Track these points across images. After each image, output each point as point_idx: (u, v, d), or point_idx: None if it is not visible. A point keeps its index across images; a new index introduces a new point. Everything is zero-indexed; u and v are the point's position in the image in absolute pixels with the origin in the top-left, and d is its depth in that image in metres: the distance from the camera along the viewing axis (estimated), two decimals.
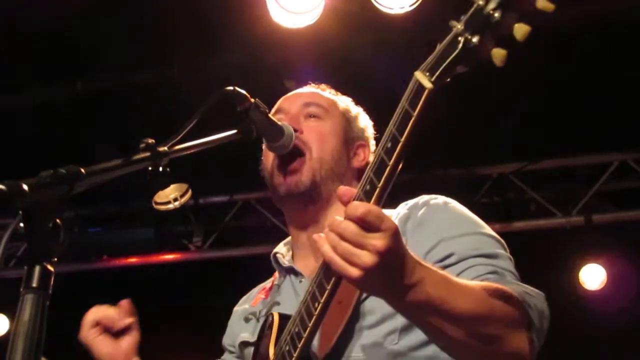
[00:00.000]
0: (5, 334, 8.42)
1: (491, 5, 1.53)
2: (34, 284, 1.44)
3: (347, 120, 2.60)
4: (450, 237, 2.12)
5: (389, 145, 1.68)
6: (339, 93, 2.71)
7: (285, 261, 2.51)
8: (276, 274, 2.59)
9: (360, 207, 1.63)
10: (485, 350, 1.83)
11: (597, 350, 7.66)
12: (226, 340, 2.65)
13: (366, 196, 1.71)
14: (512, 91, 6.39)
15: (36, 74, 6.44)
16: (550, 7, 1.50)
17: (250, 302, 2.61)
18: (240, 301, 2.71)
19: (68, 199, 1.53)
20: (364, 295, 2.13)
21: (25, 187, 1.43)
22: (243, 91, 2.23)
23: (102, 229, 8.60)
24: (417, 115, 1.63)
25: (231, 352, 2.61)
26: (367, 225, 1.61)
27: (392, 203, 2.40)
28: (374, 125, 2.70)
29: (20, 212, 1.45)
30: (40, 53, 6.18)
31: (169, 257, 8.28)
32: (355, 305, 2.13)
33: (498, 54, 1.54)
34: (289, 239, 2.63)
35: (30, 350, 1.39)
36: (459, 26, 1.58)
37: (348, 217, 1.63)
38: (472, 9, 1.57)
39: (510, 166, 7.69)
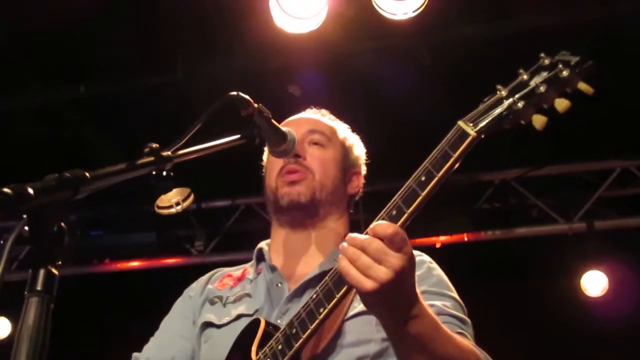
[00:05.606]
0: (7, 337, 8.41)
1: (537, 80, 1.86)
2: (39, 287, 1.44)
3: (345, 149, 2.74)
4: (433, 293, 2.32)
5: (423, 178, 1.86)
6: (337, 119, 2.82)
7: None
8: (248, 268, 2.67)
9: (391, 227, 1.78)
10: None
11: (599, 356, 7.65)
12: (186, 309, 2.67)
13: (391, 220, 1.86)
14: None
15: (40, 77, 6.45)
16: (590, 90, 1.89)
17: (215, 283, 2.67)
18: (203, 277, 2.78)
19: (73, 202, 1.53)
20: (350, 314, 2.27)
21: (30, 190, 1.43)
22: (247, 96, 2.24)
23: (104, 232, 8.60)
24: (456, 156, 1.85)
25: (186, 317, 2.63)
26: (393, 244, 1.76)
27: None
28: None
29: (25, 215, 1.46)
30: (44, 56, 6.19)
31: (171, 261, 8.29)
32: (340, 323, 2.25)
33: (539, 120, 1.84)
34: (269, 240, 2.71)
35: (34, 354, 1.39)
36: (503, 92, 1.86)
37: (375, 234, 1.78)
38: (517, 79, 1.88)
39: (512, 172, 7.70)
